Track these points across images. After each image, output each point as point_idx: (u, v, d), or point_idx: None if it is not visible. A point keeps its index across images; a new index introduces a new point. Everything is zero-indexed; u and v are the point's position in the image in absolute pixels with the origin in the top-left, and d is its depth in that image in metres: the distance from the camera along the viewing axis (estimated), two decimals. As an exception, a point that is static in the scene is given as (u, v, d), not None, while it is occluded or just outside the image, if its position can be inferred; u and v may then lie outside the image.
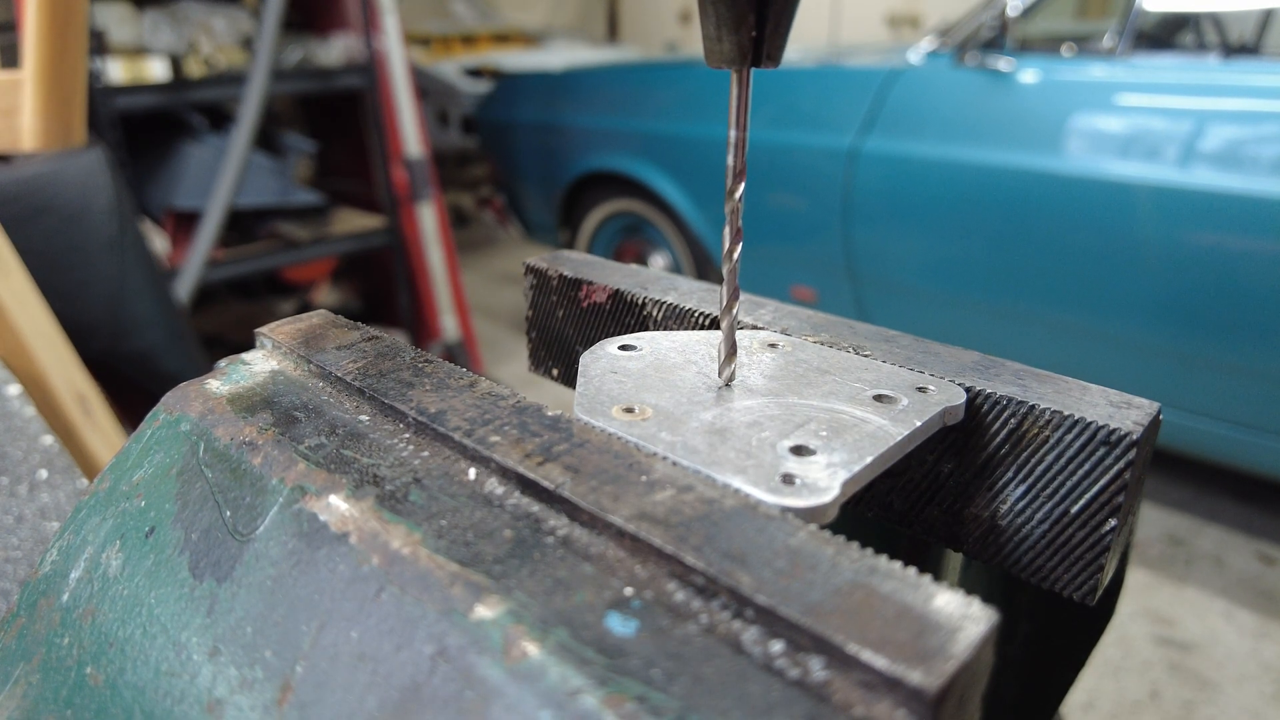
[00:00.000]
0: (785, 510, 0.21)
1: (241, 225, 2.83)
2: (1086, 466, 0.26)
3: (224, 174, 2.35)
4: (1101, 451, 0.26)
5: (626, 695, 0.16)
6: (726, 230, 0.33)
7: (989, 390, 0.28)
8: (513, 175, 3.57)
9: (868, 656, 0.16)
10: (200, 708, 0.22)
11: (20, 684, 0.26)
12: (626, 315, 0.37)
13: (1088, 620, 0.37)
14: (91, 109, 1.92)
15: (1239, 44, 2.30)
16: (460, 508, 0.22)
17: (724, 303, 0.32)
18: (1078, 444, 0.26)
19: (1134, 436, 0.25)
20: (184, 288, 2.25)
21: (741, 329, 0.34)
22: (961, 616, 0.17)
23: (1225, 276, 1.70)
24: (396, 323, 3.25)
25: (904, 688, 0.16)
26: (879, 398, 0.27)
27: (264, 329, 0.32)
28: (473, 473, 0.24)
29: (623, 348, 0.30)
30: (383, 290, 3.35)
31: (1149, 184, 1.75)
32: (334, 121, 3.31)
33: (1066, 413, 0.26)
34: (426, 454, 0.25)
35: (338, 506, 0.23)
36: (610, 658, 0.17)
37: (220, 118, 2.91)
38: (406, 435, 0.26)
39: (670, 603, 0.19)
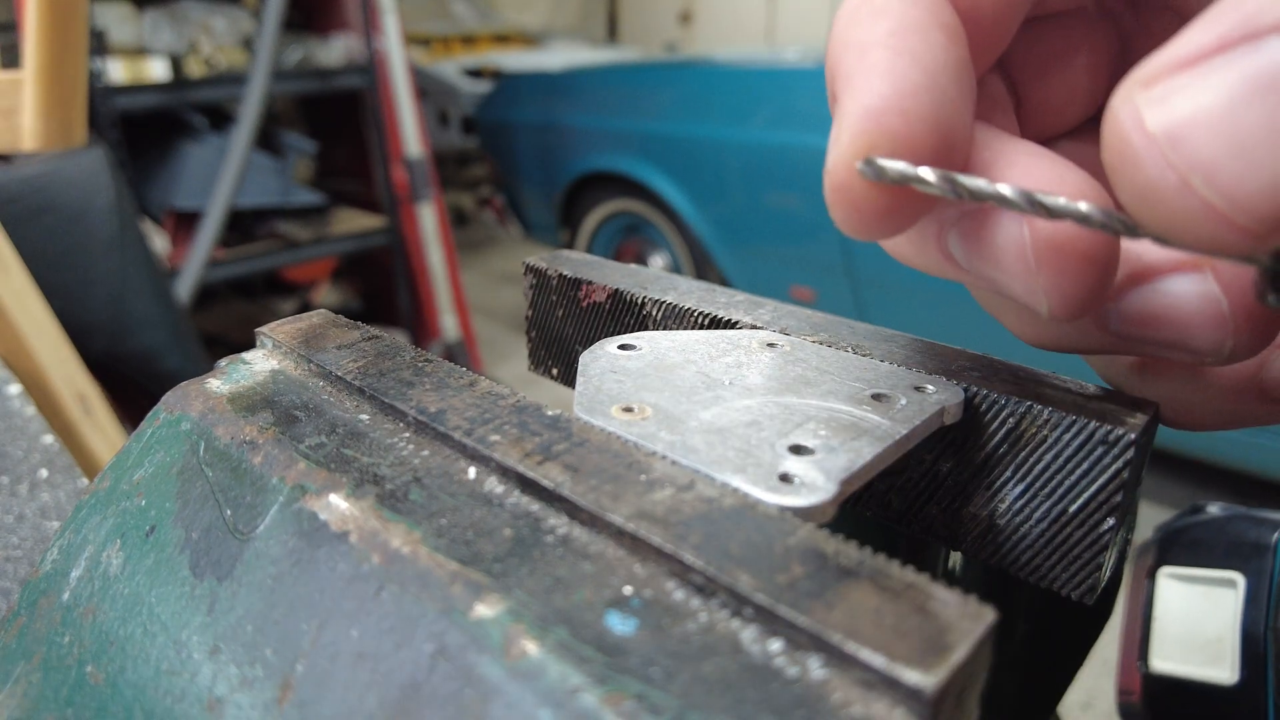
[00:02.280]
0: (784, 509, 0.21)
1: (242, 225, 2.84)
2: (1085, 466, 0.26)
3: (224, 174, 2.35)
4: (1100, 451, 0.26)
5: (625, 693, 0.16)
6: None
7: (987, 389, 0.28)
8: (512, 175, 3.58)
9: (866, 655, 0.16)
10: (200, 706, 0.22)
11: (21, 683, 0.26)
12: (626, 315, 0.37)
13: (1086, 619, 0.37)
14: (92, 109, 1.92)
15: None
16: (460, 506, 0.22)
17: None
18: (1076, 443, 0.26)
19: (1132, 436, 0.25)
20: (185, 287, 2.25)
21: (740, 328, 0.34)
22: (960, 615, 0.17)
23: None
24: (396, 323, 3.25)
25: (902, 687, 0.16)
26: (877, 397, 0.27)
27: (264, 328, 0.32)
28: (472, 472, 0.24)
29: (622, 347, 0.30)
30: (383, 290, 3.35)
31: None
32: (334, 121, 3.31)
33: (1064, 412, 0.26)
34: (426, 453, 0.25)
35: (338, 505, 0.23)
36: (609, 656, 0.17)
37: (220, 118, 2.91)
38: (406, 434, 0.26)
39: (669, 601, 0.19)
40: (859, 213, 0.22)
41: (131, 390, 1.17)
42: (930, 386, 0.28)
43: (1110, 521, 0.26)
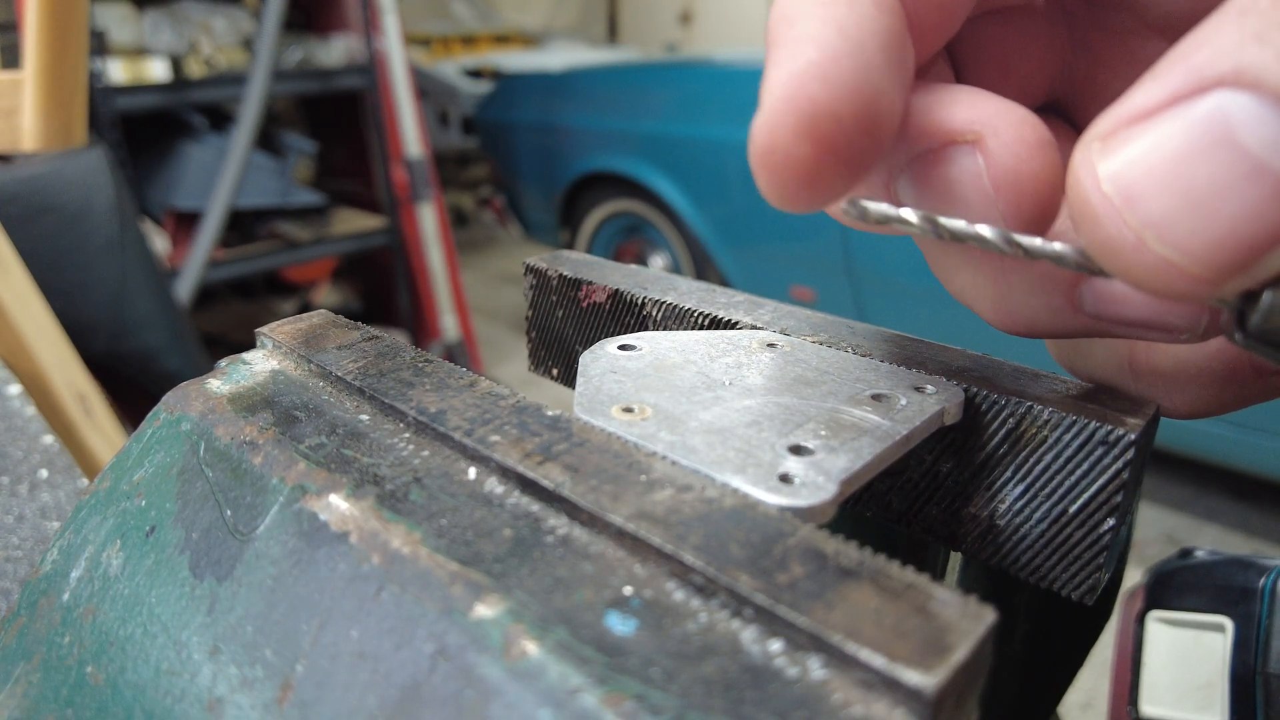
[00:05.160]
0: (784, 509, 0.21)
1: (242, 225, 2.83)
2: (1085, 466, 0.26)
3: (224, 174, 2.35)
4: (1100, 451, 0.26)
5: (625, 693, 0.16)
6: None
7: (987, 390, 0.28)
8: (512, 175, 3.57)
9: (866, 656, 0.16)
10: (200, 706, 0.22)
11: (21, 683, 0.26)
12: (626, 315, 0.37)
13: (1086, 620, 0.37)
14: (92, 109, 1.92)
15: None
16: (460, 507, 0.22)
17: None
18: (1076, 444, 0.26)
19: (1132, 436, 0.25)
20: (185, 287, 2.25)
21: (740, 328, 0.34)
22: (960, 616, 0.17)
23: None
24: (396, 323, 3.25)
25: (902, 687, 0.16)
26: (877, 397, 0.27)
27: (264, 329, 0.32)
28: (473, 472, 0.24)
29: (622, 347, 0.30)
30: (383, 290, 3.35)
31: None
32: (334, 121, 3.31)
33: (1064, 413, 0.26)
34: (426, 453, 0.25)
35: (338, 506, 0.23)
36: (609, 656, 0.17)
37: (220, 118, 2.91)
38: (406, 435, 0.26)
39: (669, 602, 0.19)
40: (784, 179, 0.21)
41: (131, 390, 1.17)
42: (930, 386, 0.28)
43: (1110, 522, 0.26)
